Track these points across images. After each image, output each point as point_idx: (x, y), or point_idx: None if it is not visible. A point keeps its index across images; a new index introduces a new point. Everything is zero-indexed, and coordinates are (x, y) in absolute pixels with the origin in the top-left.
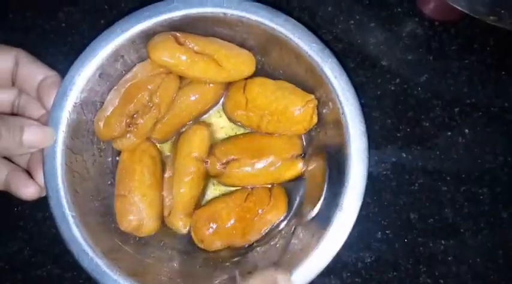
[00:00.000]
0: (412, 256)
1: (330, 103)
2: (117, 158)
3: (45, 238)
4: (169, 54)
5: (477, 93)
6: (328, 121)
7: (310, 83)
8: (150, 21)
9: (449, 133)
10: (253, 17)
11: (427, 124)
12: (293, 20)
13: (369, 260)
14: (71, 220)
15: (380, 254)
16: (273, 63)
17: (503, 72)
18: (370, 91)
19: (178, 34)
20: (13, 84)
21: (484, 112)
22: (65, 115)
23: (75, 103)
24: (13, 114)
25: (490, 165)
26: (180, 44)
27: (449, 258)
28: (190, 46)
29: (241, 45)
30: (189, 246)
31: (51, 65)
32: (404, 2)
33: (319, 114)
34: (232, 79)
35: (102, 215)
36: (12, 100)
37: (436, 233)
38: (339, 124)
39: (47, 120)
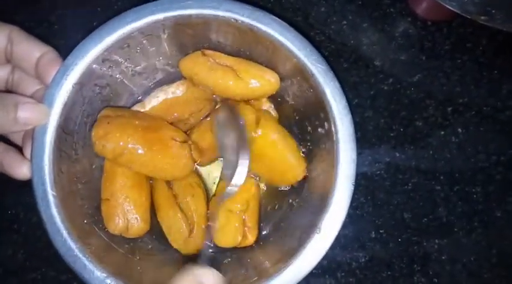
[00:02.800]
0: (406, 255)
1: (326, 124)
2: None
3: (40, 241)
4: (192, 62)
5: (470, 92)
6: (321, 143)
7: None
8: (160, 14)
9: (442, 132)
10: (264, 28)
11: (420, 123)
12: (302, 36)
13: (363, 260)
14: (51, 198)
15: (374, 254)
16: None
17: (496, 71)
18: (364, 91)
19: (205, 50)
20: (7, 61)
21: (476, 112)
22: (62, 94)
23: (74, 84)
24: (7, 91)
25: (483, 164)
26: (204, 55)
27: (443, 257)
28: (213, 58)
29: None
30: (166, 246)
31: None
32: (397, 2)
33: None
34: (252, 94)
35: (83, 199)
36: (5, 78)
37: (430, 232)
38: (330, 150)
39: (43, 97)
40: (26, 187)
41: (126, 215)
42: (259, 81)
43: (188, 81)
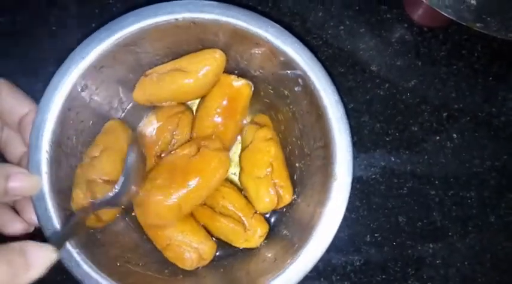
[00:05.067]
0: (401, 259)
1: (300, 80)
2: None
3: (35, 241)
4: (140, 88)
5: (465, 98)
6: (301, 100)
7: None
8: (108, 41)
9: (437, 137)
10: (206, 16)
11: (416, 128)
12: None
13: (358, 263)
14: (77, 257)
15: (369, 258)
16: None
17: (491, 78)
18: (360, 96)
19: (145, 72)
20: None
21: (471, 117)
22: (44, 156)
23: (51, 142)
24: None
25: (478, 169)
26: (146, 75)
27: (438, 261)
28: (155, 72)
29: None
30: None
31: (43, 69)
32: (394, 8)
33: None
34: (208, 78)
35: (106, 246)
36: None
37: (425, 236)
38: (313, 101)
39: (27, 162)
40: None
41: (192, 246)
42: (206, 64)
43: (152, 112)
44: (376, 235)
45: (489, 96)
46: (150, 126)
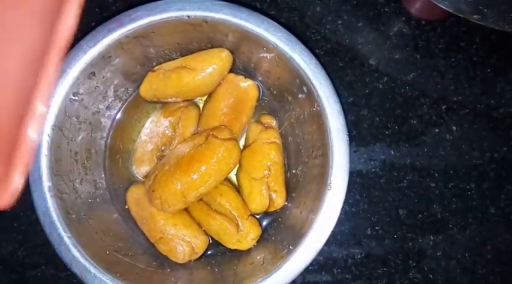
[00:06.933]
0: (402, 251)
1: (304, 88)
2: (103, 175)
3: (40, 238)
4: (147, 83)
5: (464, 90)
6: (305, 108)
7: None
8: (117, 32)
9: (436, 130)
10: (218, 16)
11: (415, 121)
12: (257, 13)
13: (359, 256)
14: (68, 241)
15: (370, 251)
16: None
17: (489, 70)
18: (359, 90)
19: (153, 68)
20: None
21: (470, 110)
22: (45, 139)
23: (53, 126)
24: None
25: (477, 161)
26: (154, 71)
27: (438, 253)
28: (162, 69)
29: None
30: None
31: None
32: (391, 1)
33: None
34: (214, 76)
35: (98, 233)
36: None
37: (425, 229)
38: (317, 111)
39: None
40: (25, 185)
41: (185, 239)
42: (212, 63)
43: (158, 114)
44: (376, 228)
45: (488, 88)
46: (156, 121)
